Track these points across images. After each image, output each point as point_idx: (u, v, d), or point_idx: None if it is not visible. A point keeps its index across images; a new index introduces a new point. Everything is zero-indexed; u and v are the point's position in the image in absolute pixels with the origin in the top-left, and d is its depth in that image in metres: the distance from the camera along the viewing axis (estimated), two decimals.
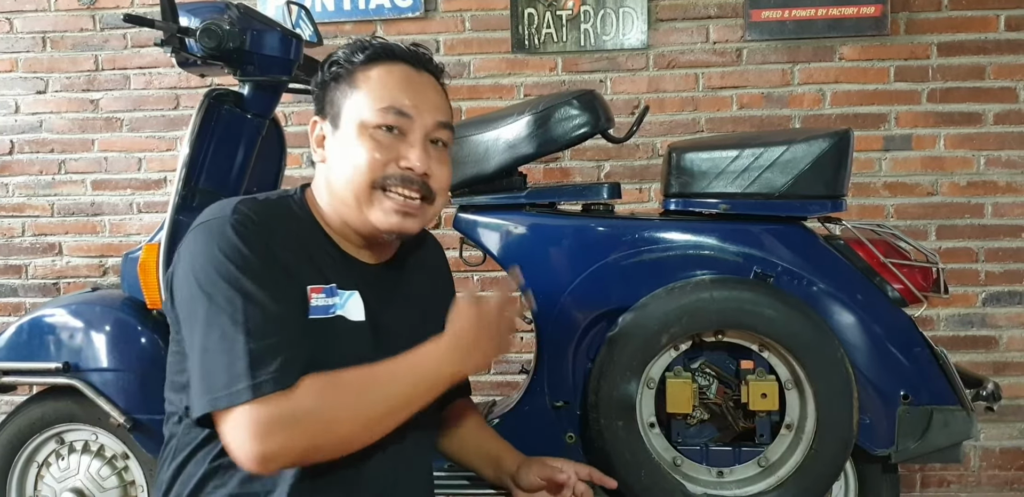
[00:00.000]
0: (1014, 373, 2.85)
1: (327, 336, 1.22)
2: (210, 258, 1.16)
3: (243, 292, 1.14)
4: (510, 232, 1.92)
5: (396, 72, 1.28)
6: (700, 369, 1.84)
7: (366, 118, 1.25)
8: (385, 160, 1.25)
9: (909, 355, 1.81)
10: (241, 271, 1.15)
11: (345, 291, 1.27)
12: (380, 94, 1.26)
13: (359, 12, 2.97)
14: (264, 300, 1.14)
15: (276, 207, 1.28)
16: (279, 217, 1.26)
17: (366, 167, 1.24)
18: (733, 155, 1.82)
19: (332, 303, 1.24)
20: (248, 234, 1.18)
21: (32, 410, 2.08)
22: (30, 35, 3.11)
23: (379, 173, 1.25)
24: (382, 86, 1.26)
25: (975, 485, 2.91)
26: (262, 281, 1.15)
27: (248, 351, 1.11)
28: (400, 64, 1.29)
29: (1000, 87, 2.81)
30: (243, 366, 1.10)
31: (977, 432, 1.85)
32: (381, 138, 1.25)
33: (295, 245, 1.24)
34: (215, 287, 1.14)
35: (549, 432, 1.92)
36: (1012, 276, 2.85)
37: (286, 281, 1.19)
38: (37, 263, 3.16)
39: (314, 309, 1.22)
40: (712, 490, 1.79)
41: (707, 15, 2.89)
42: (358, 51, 1.29)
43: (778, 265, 1.81)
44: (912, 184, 2.86)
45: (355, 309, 1.27)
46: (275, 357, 1.11)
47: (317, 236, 1.29)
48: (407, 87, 1.28)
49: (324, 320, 1.23)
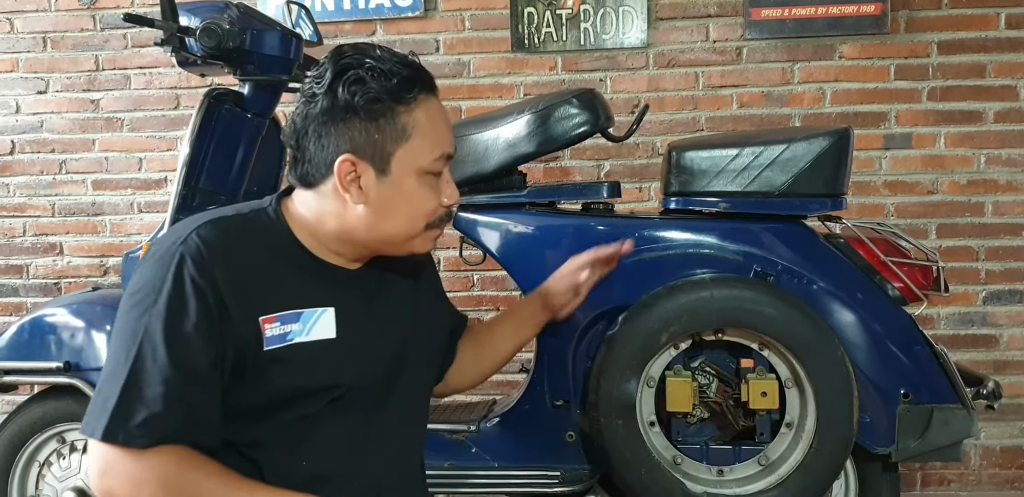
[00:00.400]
0: (1014, 372, 2.85)
1: (282, 365, 1.19)
2: (144, 290, 1.14)
3: (148, 336, 1.11)
4: (510, 231, 1.92)
5: (434, 110, 1.24)
6: (700, 368, 1.84)
7: (424, 166, 1.23)
8: (437, 202, 1.26)
9: (909, 354, 1.81)
10: (161, 316, 1.11)
11: (315, 309, 1.24)
12: (435, 141, 1.23)
13: (359, 11, 2.97)
14: (161, 352, 1.10)
15: (244, 225, 1.24)
16: (243, 238, 1.21)
17: (428, 213, 1.26)
18: (733, 154, 1.82)
19: (289, 330, 1.20)
20: (194, 272, 1.13)
21: (33, 409, 2.09)
22: (31, 35, 3.11)
23: (435, 216, 1.27)
24: (434, 130, 1.23)
25: (975, 484, 2.91)
26: (174, 332, 1.11)
27: (120, 394, 1.09)
28: (431, 97, 1.24)
29: (1001, 85, 2.81)
30: (111, 406, 1.09)
31: (978, 431, 1.85)
32: (431, 182, 1.25)
33: (257, 270, 1.19)
34: (132, 319, 1.13)
35: (549, 431, 1.92)
36: (1012, 275, 2.84)
37: (214, 331, 1.13)
38: (38, 263, 3.16)
39: (268, 340, 1.18)
40: (712, 489, 1.79)
41: (707, 14, 2.89)
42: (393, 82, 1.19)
43: (778, 264, 1.81)
44: (912, 183, 2.86)
45: (324, 327, 1.24)
46: (142, 412, 1.08)
47: (290, 251, 1.25)
48: (447, 127, 1.27)
49: (280, 349, 1.19)
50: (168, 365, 1.09)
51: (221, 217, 1.23)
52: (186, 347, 1.11)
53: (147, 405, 1.09)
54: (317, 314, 1.23)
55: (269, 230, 1.25)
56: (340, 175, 1.20)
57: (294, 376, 1.20)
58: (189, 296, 1.12)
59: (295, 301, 1.22)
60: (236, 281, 1.16)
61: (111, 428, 1.08)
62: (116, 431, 1.08)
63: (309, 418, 1.23)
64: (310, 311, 1.23)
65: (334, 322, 1.25)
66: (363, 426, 1.29)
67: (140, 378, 1.09)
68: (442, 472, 1.93)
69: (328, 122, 1.19)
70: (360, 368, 1.27)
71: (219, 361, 1.14)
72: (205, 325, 1.12)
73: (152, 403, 1.09)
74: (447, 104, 2.84)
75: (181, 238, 1.16)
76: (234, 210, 1.27)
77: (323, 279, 1.27)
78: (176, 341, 1.10)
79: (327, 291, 1.26)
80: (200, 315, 1.12)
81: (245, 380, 1.17)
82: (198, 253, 1.14)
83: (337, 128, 1.19)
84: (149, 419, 1.08)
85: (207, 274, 1.13)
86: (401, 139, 1.20)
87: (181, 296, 1.12)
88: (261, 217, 1.26)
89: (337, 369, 1.24)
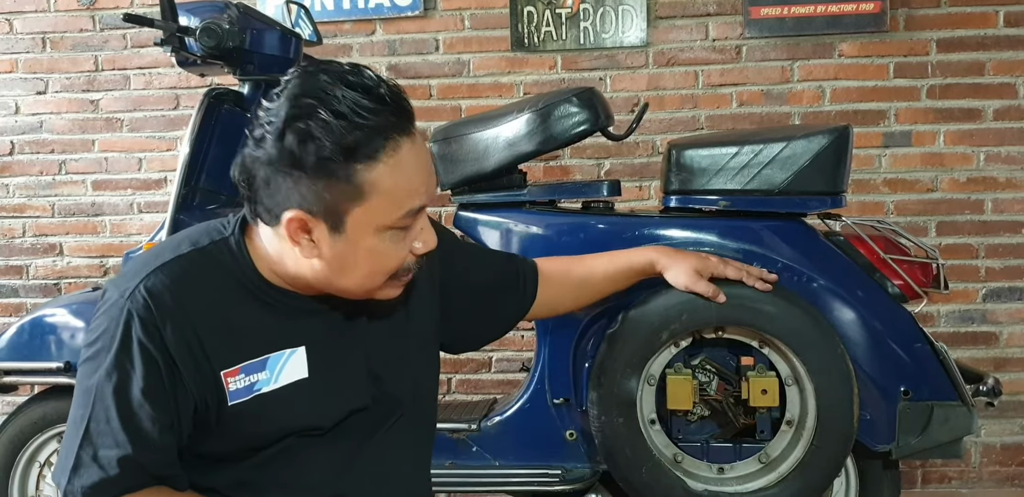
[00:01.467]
0: (1015, 369, 2.85)
1: (253, 416, 1.14)
2: (98, 344, 1.10)
3: (100, 396, 1.07)
4: (511, 230, 1.93)
5: (404, 161, 1.06)
6: (700, 366, 1.84)
7: (384, 224, 1.09)
8: (403, 255, 1.13)
9: (909, 351, 1.81)
10: (111, 378, 1.07)
11: (283, 352, 1.15)
12: (400, 199, 1.08)
13: (358, 11, 2.97)
14: (113, 415, 1.07)
15: (201, 264, 1.14)
16: (199, 282, 1.12)
17: (389, 268, 1.13)
18: (733, 152, 1.82)
19: (255, 380, 1.13)
20: (141, 334, 1.07)
21: (34, 410, 2.09)
22: (30, 36, 3.11)
23: (399, 268, 1.14)
24: (397, 186, 1.07)
25: (976, 481, 2.91)
26: (123, 397, 1.07)
27: (77, 454, 1.08)
28: (403, 141, 1.06)
29: (1000, 83, 2.81)
30: (70, 465, 1.08)
31: (977, 427, 1.85)
32: (397, 236, 1.11)
33: (214, 318, 1.11)
34: (87, 373, 1.10)
35: (550, 429, 1.93)
36: (1012, 272, 2.84)
37: (165, 396, 1.08)
38: (38, 263, 3.16)
39: (232, 394, 1.12)
40: (713, 486, 1.79)
41: (706, 12, 2.89)
42: (349, 138, 1.03)
43: (778, 261, 1.81)
44: (912, 180, 2.86)
45: (294, 369, 1.16)
46: (96, 474, 1.07)
47: (253, 287, 1.15)
48: (420, 177, 1.10)
49: (247, 401, 1.13)
50: (120, 429, 1.07)
51: (174, 258, 1.13)
52: (135, 413, 1.07)
53: (102, 467, 1.07)
54: (285, 356, 1.16)
55: (230, 266, 1.15)
56: (288, 230, 1.08)
57: (267, 423, 1.15)
58: (136, 359, 1.07)
59: (260, 346, 1.14)
60: (189, 337, 1.09)
61: (69, 488, 1.08)
62: (74, 491, 1.08)
63: (294, 452, 1.18)
64: (277, 355, 1.15)
65: (305, 361, 1.17)
66: (359, 448, 1.24)
67: (94, 438, 1.08)
68: (443, 471, 1.93)
69: (275, 173, 1.06)
70: (343, 401, 1.20)
71: (173, 424, 1.09)
72: (154, 391, 1.07)
73: (107, 466, 1.07)
74: (446, 103, 2.91)
75: (130, 290, 1.09)
76: (191, 242, 1.16)
77: (291, 313, 1.17)
78: (125, 405, 1.07)
79: (296, 327, 1.17)
80: (149, 380, 1.07)
81: (213, 433, 1.13)
82: (146, 310, 1.07)
83: (284, 181, 1.05)
84: (104, 481, 1.07)
85: (155, 335, 1.07)
86: (356, 199, 1.05)
87: (129, 359, 1.07)
88: (222, 251, 1.15)
89: (315, 408, 1.18)
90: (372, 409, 1.23)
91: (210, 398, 1.11)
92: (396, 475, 1.28)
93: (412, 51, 2.96)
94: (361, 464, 1.23)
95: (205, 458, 1.15)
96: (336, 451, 1.21)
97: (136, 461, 1.07)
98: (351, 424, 1.21)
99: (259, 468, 1.17)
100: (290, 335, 1.17)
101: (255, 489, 1.17)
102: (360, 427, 1.23)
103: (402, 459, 1.30)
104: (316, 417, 1.18)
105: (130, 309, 1.08)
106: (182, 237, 1.19)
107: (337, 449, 1.21)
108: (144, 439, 1.07)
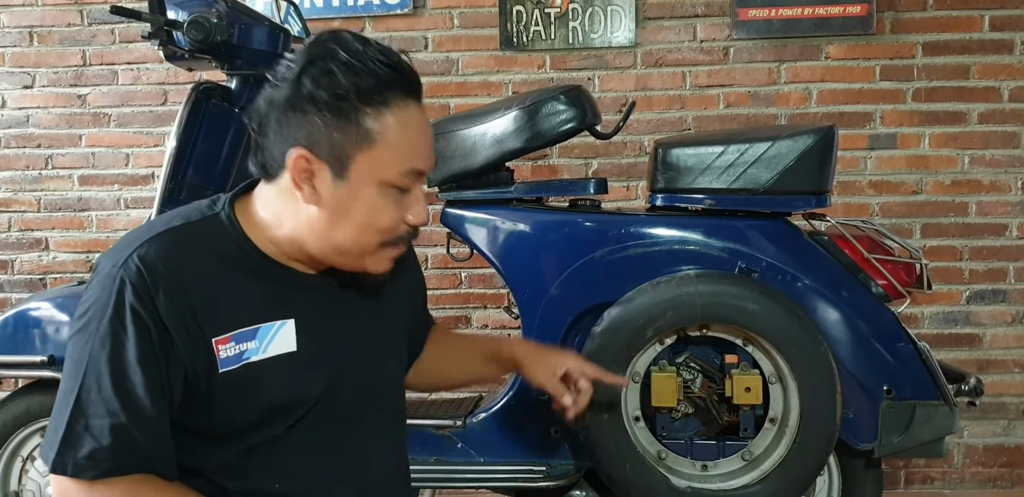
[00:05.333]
0: (997, 370, 2.88)
1: (242, 385, 1.14)
2: (89, 314, 1.10)
3: (92, 364, 1.07)
4: (498, 227, 1.94)
5: (411, 119, 1.12)
6: (685, 363, 1.86)
7: (387, 178, 1.12)
8: (398, 218, 1.15)
9: (892, 350, 1.83)
10: (104, 345, 1.07)
11: (273, 323, 1.17)
12: (405, 153, 1.12)
13: (347, 8, 2.97)
14: (106, 383, 1.06)
15: (193, 236, 1.16)
16: (190, 252, 1.14)
17: (383, 228, 1.14)
18: (719, 151, 1.84)
19: (244, 349, 1.14)
20: (133, 300, 1.08)
21: (17, 404, 2.08)
22: (17, 30, 3.09)
23: (393, 234, 1.16)
24: (404, 141, 1.12)
25: (958, 481, 2.93)
26: (116, 363, 1.07)
27: (67, 425, 1.07)
28: (411, 103, 1.13)
29: (984, 86, 2.83)
30: (59, 438, 1.07)
31: (959, 427, 1.87)
32: (395, 196, 1.13)
33: (206, 288, 1.13)
34: (79, 345, 1.10)
35: (535, 426, 1.94)
36: (995, 274, 2.87)
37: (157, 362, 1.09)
38: (23, 258, 3.15)
39: (223, 361, 1.13)
40: (696, 483, 1.81)
41: (694, 13, 2.90)
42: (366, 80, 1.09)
43: (763, 260, 1.83)
44: (897, 182, 2.88)
45: (283, 341, 1.17)
46: (88, 444, 1.06)
47: (246, 258, 1.17)
48: (425, 140, 1.16)
49: (236, 369, 1.14)
50: (113, 397, 1.06)
51: (167, 230, 1.15)
52: (129, 379, 1.07)
53: (94, 436, 1.06)
54: (275, 328, 1.17)
55: (221, 237, 1.17)
56: (293, 170, 1.11)
57: (254, 394, 1.15)
58: (129, 325, 1.07)
59: (251, 316, 1.16)
60: (181, 305, 1.10)
61: (59, 460, 1.07)
62: (65, 463, 1.06)
63: (277, 439, 1.18)
64: (267, 326, 1.16)
65: (294, 334, 1.18)
66: (340, 438, 1.24)
67: (86, 408, 1.07)
68: (428, 467, 1.94)
69: (289, 111, 1.10)
70: (327, 379, 1.21)
71: (164, 391, 1.09)
72: (146, 356, 1.08)
73: (99, 435, 1.06)
74: (435, 101, 2.92)
75: (122, 259, 1.10)
76: (183, 217, 1.18)
77: (283, 286, 1.19)
78: (119, 372, 1.07)
79: (287, 300, 1.19)
80: (141, 346, 1.07)
81: (201, 403, 1.13)
82: (139, 278, 1.08)
83: (297, 119, 1.10)
84: (96, 452, 1.06)
85: (148, 301, 1.08)
86: (363, 144, 1.10)
87: (122, 325, 1.07)
88: (212, 223, 1.18)
89: (300, 383, 1.19)
90: (353, 396, 1.25)
91: (200, 366, 1.11)
92: (376, 465, 1.30)
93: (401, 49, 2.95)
94: (342, 453, 1.24)
95: (192, 435, 1.15)
96: (317, 440, 1.22)
97: (128, 431, 1.07)
98: (332, 412, 1.22)
99: (242, 455, 1.17)
100: (281, 308, 1.18)
101: (238, 474, 1.18)
102: (340, 416, 1.24)
103: (382, 449, 1.31)
104: (299, 391, 1.18)
105: (123, 277, 1.08)
106: (173, 214, 1.21)
107: (319, 438, 1.22)
108: (137, 407, 1.07)
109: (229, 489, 1.17)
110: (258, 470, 1.18)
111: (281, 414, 1.18)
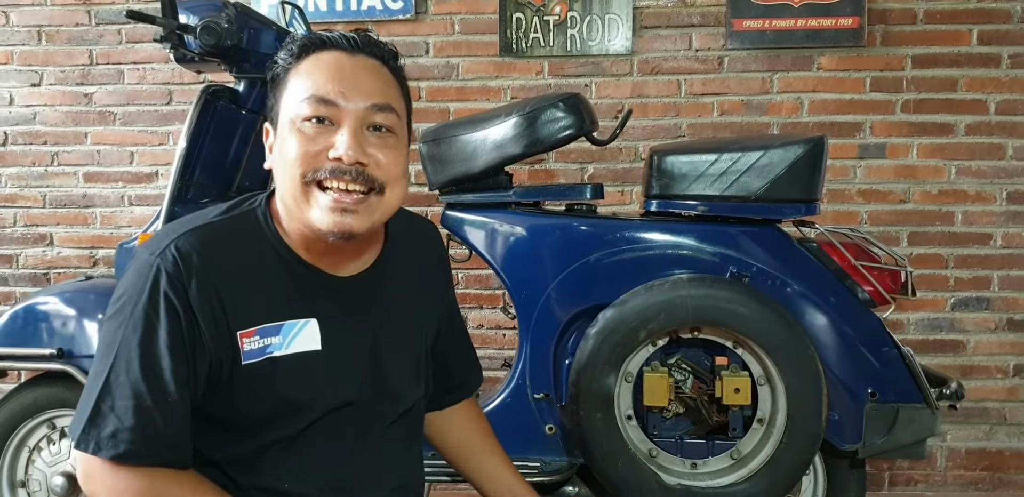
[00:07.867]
0: (980, 376, 2.93)
1: (263, 379, 1.17)
2: (124, 299, 1.14)
3: (123, 348, 1.11)
4: (496, 230, 1.97)
5: (324, 60, 1.18)
6: (676, 364, 1.89)
7: (294, 112, 1.16)
8: (314, 152, 1.15)
9: (877, 354, 1.86)
10: (136, 330, 1.11)
11: (297, 321, 1.20)
12: (306, 85, 1.16)
13: (351, 13, 3.01)
14: (135, 366, 1.10)
15: (228, 231, 1.20)
16: (225, 247, 1.18)
17: (295, 161, 1.14)
18: (712, 159, 1.87)
19: (268, 344, 1.17)
20: (167, 288, 1.12)
21: (24, 395, 2.11)
22: (26, 29, 3.13)
23: (309, 167, 1.14)
24: (307, 77, 1.17)
25: (941, 484, 2.98)
26: (147, 347, 1.11)
27: (95, 404, 1.11)
28: (331, 51, 1.19)
29: (972, 99, 2.88)
30: (86, 416, 1.11)
31: (941, 429, 1.90)
32: (309, 130, 1.15)
33: (237, 281, 1.16)
34: (112, 329, 1.14)
35: (530, 423, 1.97)
36: (980, 282, 2.92)
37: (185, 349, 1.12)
38: (28, 253, 3.18)
39: (247, 354, 1.16)
40: (686, 481, 1.84)
41: (690, 23, 2.95)
42: (291, 46, 1.20)
43: (753, 265, 1.86)
44: (885, 191, 2.93)
45: (307, 339, 1.20)
46: (112, 423, 1.10)
47: (278, 253, 1.21)
48: (335, 73, 1.17)
49: (259, 363, 1.17)
50: (140, 379, 1.10)
51: (205, 224, 1.20)
52: (157, 363, 1.11)
53: (118, 416, 1.10)
54: (299, 326, 1.20)
55: (255, 234, 1.21)
56: (267, 145, 1.24)
57: (272, 388, 1.18)
58: (162, 312, 1.11)
59: (277, 312, 1.19)
60: (211, 296, 1.14)
61: (83, 437, 1.11)
62: (88, 440, 1.10)
63: (292, 440, 1.21)
64: (291, 323, 1.19)
65: (318, 333, 1.21)
66: (354, 444, 1.26)
67: (113, 389, 1.10)
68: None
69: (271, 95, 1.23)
70: (345, 383, 1.23)
71: (189, 378, 1.13)
72: (175, 343, 1.11)
73: (123, 415, 1.10)
74: (435, 105, 2.97)
75: (160, 249, 1.14)
76: (221, 213, 1.23)
77: (310, 286, 1.22)
78: (148, 356, 1.11)
79: (313, 300, 1.22)
80: (171, 333, 1.11)
81: (223, 392, 1.16)
82: (174, 267, 1.12)
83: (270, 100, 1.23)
84: (118, 431, 1.10)
85: (180, 290, 1.12)
86: (282, 93, 1.19)
87: (155, 311, 1.11)
88: (249, 220, 1.22)
89: (320, 382, 1.21)
90: (371, 400, 1.27)
91: (225, 356, 1.15)
92: (389, 473, 1.31)
93: (402, 54, 2.97)
94: (356, 459, 1.26)
95: (212, 423, 1.17)
96: (332, 444, 1.24)
97: (151, 415, 1.10)
98: (348, 418, 1.24)
99: (258, 451, 1.20)
100: (307, 307, 1.21)
101: (251, 470, 1.20)
102: (356, 422, 1.26)
103: (395, 457, 1.33)
104: (318, 390, 1.21)
105: (159, 265, 1.13)
106: (210, 209, 1.26)
107: (333, 442, 1.24)
108: (162, 391, 1.10)
109: (240, 483, 1.20)
110: (271, 468, 1.21)
111: (295, 412, 1.20)
